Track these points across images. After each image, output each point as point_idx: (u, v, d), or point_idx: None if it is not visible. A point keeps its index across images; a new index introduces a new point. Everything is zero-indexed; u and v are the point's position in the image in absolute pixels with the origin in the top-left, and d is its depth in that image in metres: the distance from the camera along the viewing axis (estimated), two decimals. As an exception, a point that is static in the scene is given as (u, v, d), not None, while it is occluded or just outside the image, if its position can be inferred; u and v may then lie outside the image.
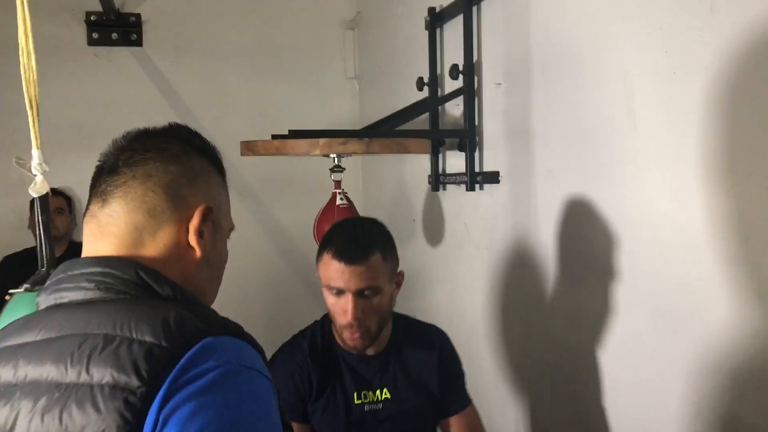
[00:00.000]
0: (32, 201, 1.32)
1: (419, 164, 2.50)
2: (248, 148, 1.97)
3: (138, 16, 3.17)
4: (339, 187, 2.10)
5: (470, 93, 2.08)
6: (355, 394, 1.56)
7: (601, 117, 1.53)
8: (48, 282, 0.87)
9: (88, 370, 0.71)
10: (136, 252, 0.85)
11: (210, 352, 0.72)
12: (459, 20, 2.10)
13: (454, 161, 2.25)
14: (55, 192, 2.65)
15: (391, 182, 2.89)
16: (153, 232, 0.86)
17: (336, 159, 2.06)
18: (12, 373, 0.77)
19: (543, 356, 1.83)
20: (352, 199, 2.17)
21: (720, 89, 1.20)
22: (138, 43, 3.18)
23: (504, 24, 1.94)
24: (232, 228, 0.98)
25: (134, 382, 0.69)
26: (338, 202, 2.07)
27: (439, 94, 2.31)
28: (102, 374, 0.71)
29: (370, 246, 1.48)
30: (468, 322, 2.20)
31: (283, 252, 3.36)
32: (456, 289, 2.33)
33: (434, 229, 2.44)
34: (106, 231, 0.86)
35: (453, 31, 2.20)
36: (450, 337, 1.69)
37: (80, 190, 3.14)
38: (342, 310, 1.46)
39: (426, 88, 2.33)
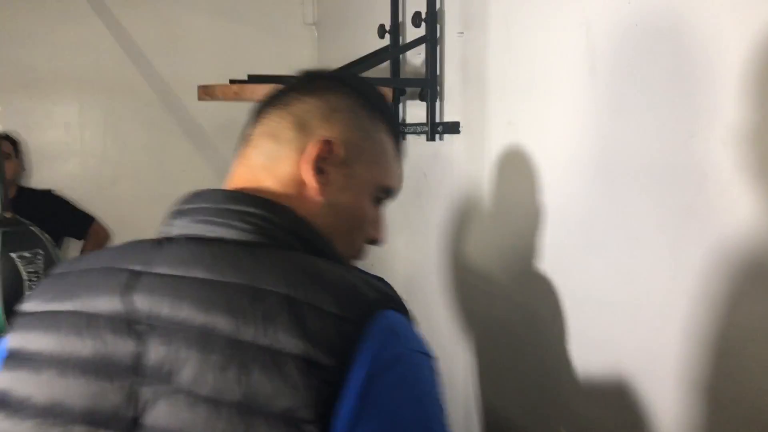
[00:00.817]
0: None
1: (379, 113, 2.47)
2: (206, 92, 1.92)
3: (85, -50, 3.01)
4: (298, 135, 2.07)
5: (432, 42, 2.05)
6: None
7: (561, 69, 1.53)
8: (182, 206, 0.81)
9: (266, 333, 0.66)
10: (262, 178, 0.84)
11: (394, 332, 0.69)
12: (422, -34, 2.06)
13: (415, 111, 2.24)
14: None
15: (351, 131, 2.86)
16: (276, 159, 0.85)
17: (295, 106, 2.03)
18: (168, 309, 0.70)
19: (497, 303, 1.87)
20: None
21: (683, 41, 1.21)
22: (86, -21, 3.04)
23: (467, -29, 1.91)
24: (383, 187, 0.91)
25: (328, 359, 0.65)
26: (297, 150, 2.05)
27: (401, 42, 2.27)
28: (286, 341, 0.65)
29: None
30: (424, 269, 2.23)
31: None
32: (413, 238, 2.35)
33: (393, 178, 2.43)
34: (244, 153, 0.90)
35: (415, -23, 2.16)
36: (406, 284, 1.70)
37: (27, 133, 3.02)
38: None
39: (387, 35, 2.29)
